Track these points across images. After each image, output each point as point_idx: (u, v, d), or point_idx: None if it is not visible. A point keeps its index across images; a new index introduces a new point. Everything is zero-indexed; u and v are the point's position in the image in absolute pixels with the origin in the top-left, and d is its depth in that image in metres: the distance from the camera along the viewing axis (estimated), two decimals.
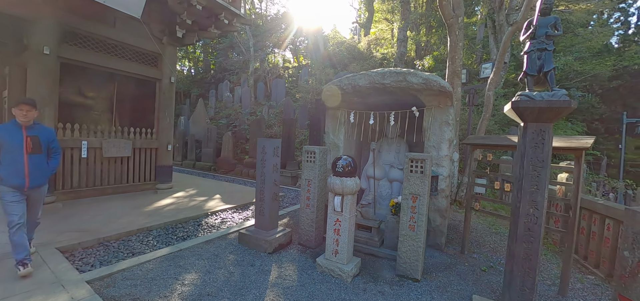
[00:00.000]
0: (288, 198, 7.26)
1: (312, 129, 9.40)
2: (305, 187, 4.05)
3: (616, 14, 21.08)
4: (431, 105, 4.07)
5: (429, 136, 4.10)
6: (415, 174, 3.24)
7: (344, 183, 3.04)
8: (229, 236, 4.41)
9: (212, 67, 21.98)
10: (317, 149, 3.92)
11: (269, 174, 3.84)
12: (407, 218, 3.29)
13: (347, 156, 3.19)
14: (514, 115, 2.38)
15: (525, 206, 2.31)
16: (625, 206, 3.93)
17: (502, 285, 2.59)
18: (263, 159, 3.89)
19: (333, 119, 4.94)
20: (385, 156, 5.19)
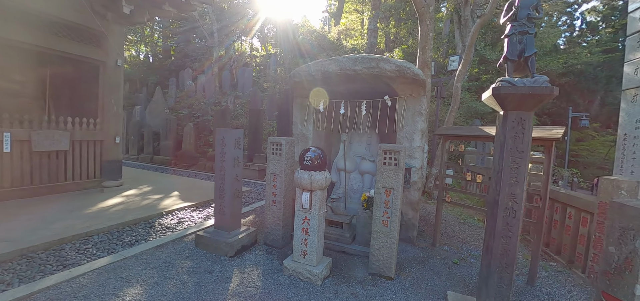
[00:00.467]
0: (255, 193, 6.81)
1: (281, 120, 8.97)
2: (270, 182, 3.68)
3: (563, 17, 23.04)
4: (404, 94, 3.89)
5: (402, 127, 3.93)
6: (388, 166, 3.03)
7: (312, 178, 2.73)
8: (185, 239, 3.92)
9: (173, 54, 20.35)
10: (283, 140, 3.57)
11: (229, 168, 3.42)
12: (380, 213, 3.09)
13: (316, 148, 2.88)
14: (493, 102, 2.22)
15: (504, 200, 2.19)
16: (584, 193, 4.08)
17: (478, 281, 2.48)
18: (223, 151, 3.45)
19: (301, 109, 4.59)
20: (356, 148, 4.98)
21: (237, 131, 3.50)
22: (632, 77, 4.73)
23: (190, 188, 6.75)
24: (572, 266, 3.57)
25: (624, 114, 4.83)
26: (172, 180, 7.71)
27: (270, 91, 12.34)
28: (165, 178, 8.01)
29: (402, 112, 3.91)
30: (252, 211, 5.27)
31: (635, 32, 4.80)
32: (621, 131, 4.91)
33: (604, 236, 3.09)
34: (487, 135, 3.41)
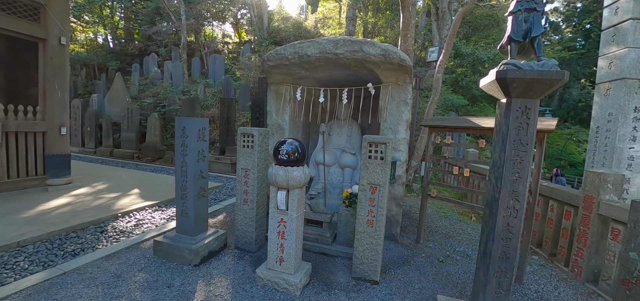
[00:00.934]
0: (227, 188, 6.30)
1: (255, 110, 8.42)
2: (241, 178, 3.25)
3: None
4: (389, 82, 3.60)
5: (386, 117, 3.65)
6: (374, 160, 2.72)
7: (289, 174, 2.35)
8: (142, 245, 3.40)
9: (136, 37, 18.69)
10: (255, 131, 3.14)
11: (192, 163, 2.94)
12: (364, 211, 2.79)
13: (293, 140, 2.50)
14: (494, 89, 1.97)
15: (506, 198, 1.96)
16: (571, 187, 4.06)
17: (473, 286, 2.27)
18: (184, 144, 2.96)
19: (276, 97, 4.16)
20: (336, 140, 4.66)
21: (200, 120, 3.02)
22: (607, 71, 4.82)
23: (154, 185, 6.09)
24: (554, 260, 3.53)
25: (597, 107, 4.93)
26: (133, 176, 6.95)
27: (244, 80, 11.65)
28: (126, 173, 7.22)
29: (386, 101, 3.62)
30: (224, 210, 4.79)
31: (609, 26, 4.87)
32: (594, 124, 5.01)
33: (588, 230, 3.04)
34: (476, 126, 3.22)
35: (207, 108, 10.73)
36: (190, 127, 2.92)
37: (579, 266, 3.11)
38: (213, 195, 5.67)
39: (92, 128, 11.35)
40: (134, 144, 10.39)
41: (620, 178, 2.95)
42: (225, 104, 8.63)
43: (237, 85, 11.71)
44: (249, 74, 11.59)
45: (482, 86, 2.10)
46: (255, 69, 11.60)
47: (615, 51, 4.68)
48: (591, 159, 4.93)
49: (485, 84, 2.02)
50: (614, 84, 4.68)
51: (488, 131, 3.15)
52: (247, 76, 11.57)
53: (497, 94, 2.01)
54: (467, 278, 3.03)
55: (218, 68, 12.78)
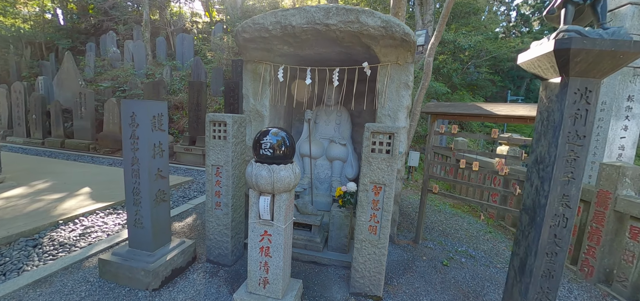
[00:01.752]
0: (198, 183, 5.58)
1: (229, 96, 7.63)
2: (212, 176, 2.63)
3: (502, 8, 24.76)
4: (388, 61, 3.10)
5: (384, 102, 3.16)
6: (378, 155, 2.23)
7: (275, 175, 1.80)
8: (86, 264, 2.70)
9: (91, 12, 16.61)
10: (229, 118, 2.52)
11: (146, 159, 2.28)
12: (366, 216, 2.31)
13: (279, 130, 1.93)
14: (544, 64, 1.53)
15: (554, 204, 1.56)
16: None
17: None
18: (134, 135, 2.28)
19: (254, 77, 3.52)
20: (323, 129, 4.13)
21: (156, 103, 2.34)
22: None
23: (110, 181, 5.23)
24: None
25: None
26: (86, 171, 5.98)
27: (216, 62, 10.66)
28: (78, 168, 6.21)
29: (385, 83, 3.13)
30: (194, 210, 4.12)
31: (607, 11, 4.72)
32: None
33: (602, 227, 2.80)
34: (488, 114, 2.83)
35: (175, 93, 9.68)
36: (141, 113, 2.24)
37: (590, 265, 2.88)
38: (181, 192, 4.94)
39: (38, 116, 9.88)
40: (90, 133, 9.17)
41: (636, 171, 2.71)
42: (194, 88, 7.73)
43: (208, 68, 10.69)
44: (222, 56, 10.60)
45: (524, 62, 1.65)
46: (229, 51, 10.63)
47: None
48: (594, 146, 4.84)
49: (530, 60, 1.58)
50: None
51: (502, 120, 2.78)
52: (219, 58, 10.57)
53: (546, 72, 1.57)
54: (477, 285, 2.69)
55: (186, 49, 11.60)
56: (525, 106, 2.68)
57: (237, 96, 7.62)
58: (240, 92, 7.60)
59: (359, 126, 4.38)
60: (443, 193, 3.43)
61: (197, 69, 10.05)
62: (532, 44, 1.69)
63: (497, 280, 2.78)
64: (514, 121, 2.71)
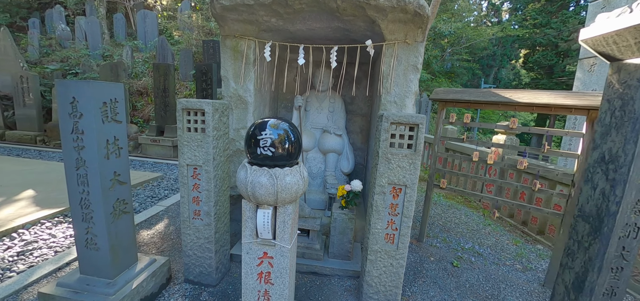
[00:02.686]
0: (169, 179, 4.91)
1: (201, 80, 6.87)
2: (187, 179, 2.10)
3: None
4: (394, 39, 2.70)
5: (390, 87, 2.77)
6: (399, 150, 1.85)
7: (279, 182, 1.34)
8: (24, 298, 2.08)
9: None
10: (208, 105, 1.99)
11: (96, 161, 1.72)
12: (382, 223, 1.94)
13: (279, 120, 1.46)
14: (623, 41, 1.21)
15: (626, 211, 1.27)
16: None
17: None
18: (77, 129, 1.70)
19: (234, 56, 2.97)
20: (315, 118, 3.68)
21: (108, 86, 1.76)
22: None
23: (60, 180, 4.40)
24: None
25: (578, 84, 4.80)
26: (31, 168, 5.05)
27: (185, 43, 9.65)
28: (20, 166, 5.25)
29: (391, 65, 2.73)
30: (166, 213, 3.53)
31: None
32: None
33: None
34: (507, 101, 2.54)
35: (137, 77, 8.62)
36: (86, 99, 1.66)
37: None
38: (149, 191, 4.29)
39: None
40: (36, 124, 7.94)
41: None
42: (160, 71, 6.84)
43: (175, 49, 9.66)
44: (191, 35, 9.60)
45: (589, 38, 1.33)
46: (199, 30, 9.65)
47: None
48: (569, 139, 4.85)
49: (600, 35, 1.25)
50: (598, 59, 4.54)
51: (523, 108, 2.51)
52: (188, 38, 9.57)
53: (624, 51, 1.25)
54: (493, 289, 2.46)
55: (149, 28, 10.38)
56: (551, 92, 2.43)
57: (210, 80, 6.87)
58: (213, 76, 6.86)
59: (351, 113, 3.99)
60: (450, 188, 3.16)
61: (162, 51, 9.02)
62: (599, 17, 1.37)
63: (510, 281, 2.58)
64: (537, 110, 2.45)
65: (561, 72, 15.23)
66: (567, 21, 14.48)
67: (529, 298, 2.37)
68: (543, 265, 2.91)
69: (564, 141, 4.98)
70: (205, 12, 10.64)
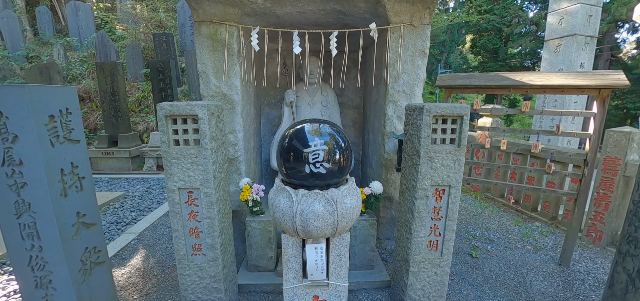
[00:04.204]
0: (133, 197, 4.17)
1: (157, 79, 6.02)
2: (181, 207, 1.63)
3: None
4: (400, 21, 2.44)
5: (397, 75, 2.52)
6: (442, 147, 1.61)
7: (338, 208, 1.00)
8: None
9: None
10: (201, 108, 1.53)
11: (45, 201, 1.20)
12: (425, 230, 1.69)
13: (317, 122, 1.11)
14: None
15: None
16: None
17: None
18: (9, 158, 1.16)
19: (213, 46, 2.47)
20: (308, 113, 3.30)
21: (55, 90, 1.25)
22: (556, 27, 4.91)
23: None
24: (557, 224, 3.32)
25: (545, 64, 5.06)
26: None
27: (130, 39, 8.43)
28: None
29: (399, 50, 2.47)
30: (140, 243, 2.90)
31: None
32: None
33: (611, 193, 2.78)
34: (519, 84, 2.44)
35: (75, 80, 7.31)
36: (20, 112, 1.13)
37: (598, 230, 2.89)
38: (112, 214, 3.57)
39: None
40: None
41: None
42: (106, 71, 5.82)
43: (118, 46, 8.40)
44: (137, 29, 8.41)
45: None
46: (147, 23, 8.50)
47: (567, 6, 4.75)
48: (539, 118, 5.13)
49: None
50: (564, 40, 4.80)
51: (535, 91, 2.43)
52: (134, 32, 8.36)
53: None
54: (517, 275, 2.39)
55: (83, 22, 8.86)
56: (563, 74, 2.38)
57: (168, 78, 6.05)
58: (172, 73, 6.04)
59: (342, 106, 3.69)
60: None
61: (103, 47, 7.77)
62: None
63: (529, 264, 2.55)
64: (550, 92, 2.39)
65: (505, 55, 16.56)
66: (508, 7, 15.69)
67: (551, 279, 2.34)
68: (548, 243, 2.95)
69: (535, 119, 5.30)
70: (151, 3, 9.41)
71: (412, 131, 1.69)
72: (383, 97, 2.70)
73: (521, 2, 16.54)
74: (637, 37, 12.89)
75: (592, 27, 4.79)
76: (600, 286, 2.26)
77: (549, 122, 4.98)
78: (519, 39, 15.42)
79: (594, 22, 4.79)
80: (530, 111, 2.50)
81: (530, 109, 2.52)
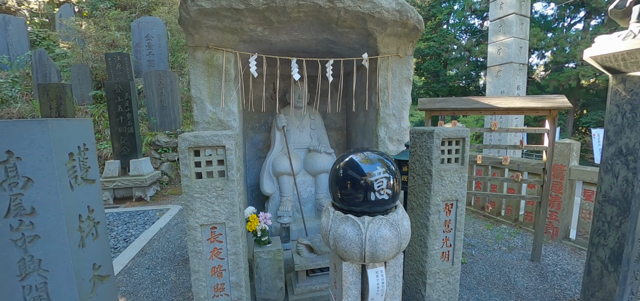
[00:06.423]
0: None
1: (114, 103, 5.48)
2: (203, 245, 1.52)
3: None
4: (388, 52, 2.67)
5: (388, 100, 2.72)
6: (450, 165, 1.79)
7: (402, 231, 1.07)
8: None
9: None
10: (229, 139, 1.49)
11: (63, 256, 1.06)
12: (438, 242, 1.83)
13: (369, 151, 1.18)
14: (631, 59, 1.48)
15: None
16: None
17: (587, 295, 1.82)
18: (17, 207, 1.01)
19: (209, 71, 2.42)
20: (297, 137, 3.35)
21: (71, 124, 1.13)
22: (496, 56, 5.78)
23: None
24: (519, 225, 3.80)
25: (490, 86, 5.89)
26: None
27: (76, 57, 7.58)
28: None
29: (387, 78, 2.69)
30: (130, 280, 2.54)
31: (496, 18, 5.82)
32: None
33: (561, 194, 3.30)
34: (488, 107, 2.82)
35: (5, 103, 6.26)
36: (36, 151, 1.00)
37: (554, 227, 3.38)
38: None
39: None
40: None
41: (578, 146, 3.32)
42: (50, 94, 5.13)
43: (60, 65, 7.48)
44: (85, 48, 7.60)
45: (597, 56, 1.60)
46: (97, 41, 7.74)
47: (503, 39, 5.65)
48: (489, 136, 5.88)
49: (608, 54, 1.54)
50: (503, 67, 5.67)
51: (502, 112, 2.83)
52: (80, 51, 7.54)
53: (630, 66, 1.52)
54: (503, 275, 2.67)
55: (14, 38, 7.71)
56: (522, 98, 2.83)
57: (128, 102, 5.55)
58: (131, 97, 5.56)
59: (326, 128, 3.80)
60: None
61: (41, 67, 6.85)
62: (599, 39, 1.65)
63: (509, 263, 2.87)
64: (513, 112, 2.82)
65: (445, 76, 18.56)
66: (444, 35, 17.78)
67: (530, 274, 2.67)
68: (518, 242, 3.36)
69: (485, 136, 6.08)
70: (99, 20, 8.63)
71: (421, 152, 1.85)
72: (373, 120, 2.89)
73: (454, 31, 18.80)
74: (544, 62, 15.65)
75: (523, 56, 5.77)
76: (568, 275, 2.65)
77: (496, 136, 5.75)
78: (456, 63, 17.50)
79: (524, 52, 5.78)
80: (499, 129, 2.89)
81: (479, 127, 2.92)
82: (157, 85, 6.69)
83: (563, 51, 13.15)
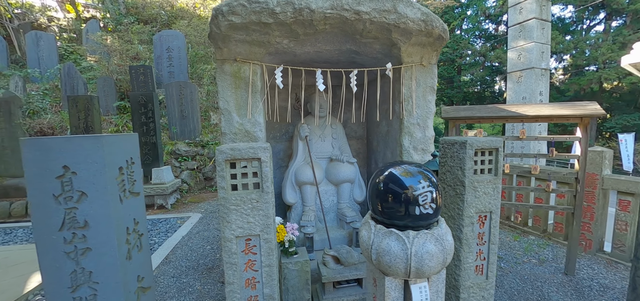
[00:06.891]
0: None
1: (138, 114, 5.70)
2: (238, 257, 1.54)
3: None
4: (412, 61, 2.66)
5: (412, 110, 2.70)
6: (483, 176, 1.75)
7: (446, 245, 1.05)
8: None
9: None
10: (264, 151, 1.52)
11: (113, 267, 1.09)
12: (472, 256, 1.79)
13: (405, 164, 1.18)
14: None
15: None
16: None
17: None
18: (72, 220, 1.04)
19: (236, 83, 2.47)
20: (319, 146, 3.37)
21: (120, 139, 1.17)
22: (516, 61, 5.66)
23: None
24: (549, 236, 3.65)
25: (511, 93, 5.75)
26: None
27: (102, 70, 7.93)
28: None
29: (411, 87, 2.67)
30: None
31: (516, 23, 5.71)
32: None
33: (594, 204, 3.16)
34: (514, 115, 2.75)
35: (36, 114, 6.60)
36: (91, 166, 1.04)
37: (587, 239, 3.23)
38: None
39: None
40: None
41: (611, 153, 3.18)
42: (79, 105, 5.37)
43: (87, 77, 7.84)
44: (110, 61, 7.96)
45: (637, 62, 1.51)
46: (121, 55, 8.09)
47: (523, 44, 5.53)
48: (511, 144, 5.71)
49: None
50: (524, 72, 5.53)
51: (530, 120, 2.75)
52: (106, 64, 7.89)
53: None
54: (535, 289, 2.56)
55: (45, 53, 8.17)
56: (551, 105, 2.74)
57: (151, 112, 5.75)
58: (154, 107, 5.76)
59: (347, 137, 3.80)
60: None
61: (70, 80, 7.20)
62: (638, 45, 1.58)
63: (541, 277, 2.76)
64: (542, 120, 2.73)
65: (459, 82, 18.26)
66: (458, 41, 17.55)
67: (564, 289, 2.55)
68: (548, 254, 3.22)
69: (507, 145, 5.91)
70: (123, 34, 9.03)
71: (453, 163, 1.82)
72: (397, 130, 2.87)
73: (468, 37, 18.51)
74: (563, 65, 15.17)
75: (545, 61, 5.61)
76: (606, 290, 2.51)
77: (518, 144, 5.58)
78: (470, 68, 17.19)
79: (546, 57, 5.63)
80: (527, 137, 2.81)
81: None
82: (178, 96, 6.89)
83: (583, 53, 12.74)
